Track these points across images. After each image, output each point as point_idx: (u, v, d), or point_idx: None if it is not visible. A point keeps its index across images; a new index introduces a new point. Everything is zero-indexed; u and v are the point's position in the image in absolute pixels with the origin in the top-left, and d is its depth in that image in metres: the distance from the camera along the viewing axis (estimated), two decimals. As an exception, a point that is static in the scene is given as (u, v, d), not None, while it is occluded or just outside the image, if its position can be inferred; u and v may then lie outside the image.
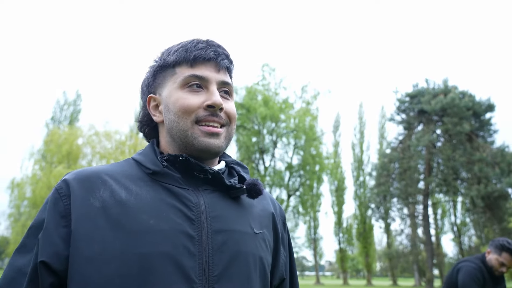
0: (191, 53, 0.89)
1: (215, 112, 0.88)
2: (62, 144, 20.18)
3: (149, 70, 0.97)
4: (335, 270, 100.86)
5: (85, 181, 0.82)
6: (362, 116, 47.90)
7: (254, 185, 0.89)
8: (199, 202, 0.84)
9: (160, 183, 0.85)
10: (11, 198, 20.12)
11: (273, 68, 23.21)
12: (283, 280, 0.98)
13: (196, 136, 0.86)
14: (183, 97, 0.88)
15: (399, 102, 24.79)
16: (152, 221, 0.78)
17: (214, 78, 0.90)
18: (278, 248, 0.96)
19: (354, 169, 45.43)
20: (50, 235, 0.77)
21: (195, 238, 0.80)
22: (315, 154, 22.58)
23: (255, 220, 0.92)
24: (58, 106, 39.13)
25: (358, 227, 44.70)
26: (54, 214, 0.79)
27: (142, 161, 0.89)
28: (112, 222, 0.78)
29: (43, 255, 0.76)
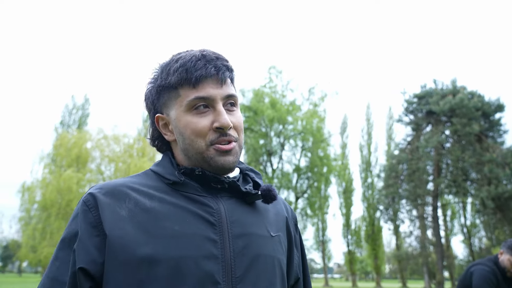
0: (192, 74, 0.89)
1: (224, 132, 0.90)
2: (71, 148, 20.38)
3: (152, 87, 0.97)
4: (343, 272, 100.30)
5: (110, 193, 0.87)
6: (369, 117, 47.67)
7: (269, 191, 0.93)
8: (219, 208, 0.89)
9: (180, 192, 0.89)
10: (22, 201, 20.35)
11: (280, 70, 23.25)
12: (298, 279, 1.03)
13: (212, 157, 0.90)
14: (192, 121, 0.90)
15: (407, 103, 24.64)
16: (177, 227, 0.84)
17: (219, 94, 0.91)
18: (291, 250, 1.01)
19: (362, 171, 45.21)
20: (85, 245, 0.82)
21: (217, 242, 0.85)
22: (322, 156, 22.54)
23: (271, 223, 0.96)
24: (67, 111, 39.55)
25: (366, 229, 44.44)
26: (86, 225, 0.83)
27: (161, 172, 0.93)
28: (140, 229, 0.82)
29: (80, 263, 0.81)
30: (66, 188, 18.36)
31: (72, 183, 18.45)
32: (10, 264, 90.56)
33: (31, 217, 20.18)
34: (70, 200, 18.23)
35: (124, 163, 20.44)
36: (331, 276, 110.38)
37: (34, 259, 19.03)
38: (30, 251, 18.93)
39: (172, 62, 0.93)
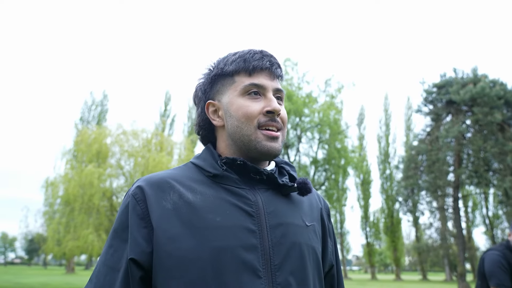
0: (250, 63, 0.98)
1: (273, 117, 0.97)
2: (91, 143, 20.77)
3: (205, 77, 1.05)
4: (362, 264, 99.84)
5: (156, 186, 0.92)
6: (387, 108, 47.03)
7: (305, 184, 0.99)
8: (256, 199, 0.93)
9: (220, 184, 0.94)
10: (46, 196, 20.87)
11: (295, 62, 23.09)
12: (332, 266, 1.07)
13: (259, 140, 0.95)
14: (245, 104, 0.96)
15: (426, 93, 24.16)
16: (218, 219, 0.89)
17: (270, 85, 0.99)
18: (325, 239, 1.06)
19: (380, 162, 44.76)
20: (134, 236, 0.88)
21: (256, 232, 0.89)
22: (340, 148, 22.36)
23: (306, 214, 1.01)
24: (86, 107, 40.29)
25: (385, 221, 44.09)
26: (135, 217, 0.89)
27: (202, 165, 0.98)
28: (184, 221, 0.87)
29: (131, 253, 0.86)
30: (88, 183, 18.74)
31: (93, 178, 18.82)
32: (36, 257, 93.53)
33: (55, 212, 20.71)
34: (92, 195, 18.62)
35: (143, 158, 20.73)
36: (349, 268, 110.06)
37: (58, 252, 19.52)
38: (55, 244, 19.46)
39: (229, 55, 1.02)
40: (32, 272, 49.99)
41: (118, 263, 0.88)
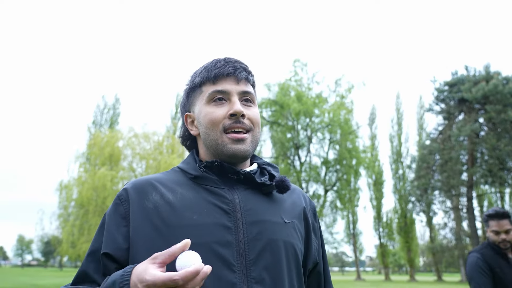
0: (212, 72, 1.04)
1: (238, 120, 1.01)
2: (104, 146, 21.05)
3: (184, 92, 1.13)
4: (376, 265, 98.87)
5: (140, 187, 1.00)
6: (399, 107, 46.53)
7: (282, 182, 1.02)
8: (234, 198, 0.98)
9: (201, 185, 1.00)
10: (60, 199, 21.18)
11: (305, 63, 23.05)
12: (317, 263, 1.10)
13: (225, 144, 1.01)
14: (210, 111, 1.02)
15: (437, 92, 23.89)
16: (195, 217, 0.94)
17: (235, 89, 1.03)
18: (309, 236, 1.08)
19: (393, 162, 44.29)
20: (112, 234, 0.95)
21: (231, 229, 0.94)
22: (351, 148, 22.25)
23: (286, 212, 1.04)
24: (98, 111, 40.81)
25: (398, 221, 43.58)
26: (117, 216, 0.97)
27: (185, 168, 1.05)
28: (163, 219, 0.94)
29: (106, 248, 0.94)
30: (101, 185, 18.99)
31: (106, 181, 19.07)
32: (52, 259, 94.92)
33: (69, 214, 21.01)
34: (105, 197, 18.87)
35: (154, 160, 20.93)
36: (363, 269, 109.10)
37: (73, 254, 19.82)
38: (70, 246, 19.75)
39: (199, 68, 1.09)
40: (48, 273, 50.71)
41: (96, 253, 0.96)
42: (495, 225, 2.73)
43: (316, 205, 16.23)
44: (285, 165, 22.24)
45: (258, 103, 7.96)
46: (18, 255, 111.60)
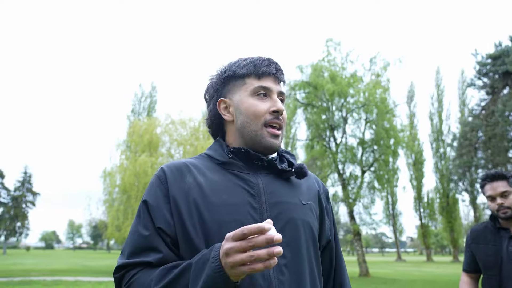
0: (260, 68, 1.15)
1: (278, 116, 1.14)
2: (143, 134, 21.76)
3: (216, 77, 1.21)
4: (417, 246, 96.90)
5: (176, 169, 1.11)
6: (439, 83, 44.69)
7: (301, 169, 1.16)
8: (258, 182, 1.10)
9: (228, 170, 1.12)
10: (104, 186, 22.21)
11: (338, 42, 22.51)
12: (329, 241, 1.23)
13: (264, 136, 1.12)
14: (254, 103, 1.14)
15: (479, 65, 22.67)
16: (225, 197, 1.05)
17: (275, 88, 1.16)
18: (323, 217, 1.21)
19: (433, 141, 42.87)
20: (160, 209, 1.06)
21: (257, 209, 1.06)
22: (388, 128, 21.67)
23: (303, 194, 1.16)
24: (136, 99, 41.98)
25: (440, 201, 42.40)
26: (160, 194, 1.07)
27: (212, 155, 1.17)
28: (197, 199, 1.05)
29: (159, 223, 1.04)
30: (142, 172, 19.73)
31: (146, 167, 19.78)
32: (100, 242, 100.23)
33: (113, 200, 22.02)
34: (146, 183, 19.58)
35: (191, 146, 21.42)
36: (403, 250, 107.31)
37: (119, 237, 20.81)
38: (115, 230, 20.78)
39: (240, 60, 1.19)
40: (97, 255, 53.58)
41: (148, 229, 1.04)
42: (489, 189, 2.32)
43: (353, 186, 15.98)
44: (320, 147, 22.09)
45: (291, 86, 8.10)
46: (69, 238, 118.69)
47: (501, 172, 2.31)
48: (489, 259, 2.27)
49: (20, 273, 19.66)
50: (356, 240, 21.70)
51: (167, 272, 0.96)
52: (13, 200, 63.74)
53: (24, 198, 64.63)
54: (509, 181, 2.27)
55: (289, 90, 22.34)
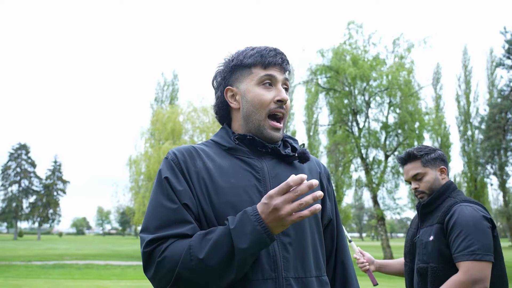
0: (266, 58, 1.19)
1: (281, 105, 1.19)
2: (166, 122, 22.10)
3: (224, 66, 1.26)
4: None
5: (187, 153, 1.17)
6: (466, 63, 43.07)
7: (303, 154, 1.22)
8: (262, 166, 1.16)
9: (234, 155, 1.18)
10: (130, 173, 22.77)
11: (359, 24, 22.04)
12: (331, 220, 1.29)
13: (266, 128, 1.18)
14: (260, 92, 1.18)
15: (508, 44, 21.74)
16: (233, 180, 1.12)
17: (280, 78, 1.21)
18: (324, 198, 1.27)
19: (460, 123, 41.63)
20: (184, 186, 1.10)
21: (262, 192, 1.12)
22: (413, 111, 21.23)
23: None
24: (159, 88, 42.43)
25: (468, 185, 41.33)
26: (175, 175, 1.12)
27: (219, 141, 1.23)
28: (207, 182, 1.11)
29: (185, 200, 1.08)
30: (166, 159, 20.12)
31: (170, 155, 20.15)
32: (128, 227, 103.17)
33: (139, 187, 22.58)
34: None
35: (213, 133, 21.60)
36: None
37: (146, 223, 21.41)
38: (142, 216, 21.38)
39: (248, 49, 1.23)
40: (125, 241, 55.28)
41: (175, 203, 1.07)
42: (404, 173, 2.10)
43: (376, 171, 15.74)
44: (342, 132, 21.87)
45: (312, 70, 8.04)
46: (99, 224, 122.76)
47: (412, 152, 2.05)
48: (406, 244, 2.12)
49: (54, 257, 20.58)
50: (380, 225, 21.56)
51: (203, 237, 0.99)
52: (45, 188, 66.26)
53: (55, 186, 67.05)
54: (422, 160, 2.02)
55: (310, 75, 22.15)
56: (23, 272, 13.12)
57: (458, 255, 1.79)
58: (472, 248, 1.76)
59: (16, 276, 11.68)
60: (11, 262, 17.07)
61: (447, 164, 2.08)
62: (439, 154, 2.06)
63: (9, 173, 63.95)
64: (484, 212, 1.88)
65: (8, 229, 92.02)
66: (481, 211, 1.87)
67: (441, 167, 2.05)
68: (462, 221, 1.82)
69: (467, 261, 1.75)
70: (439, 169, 2.04)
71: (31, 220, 66.18)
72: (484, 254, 1.76)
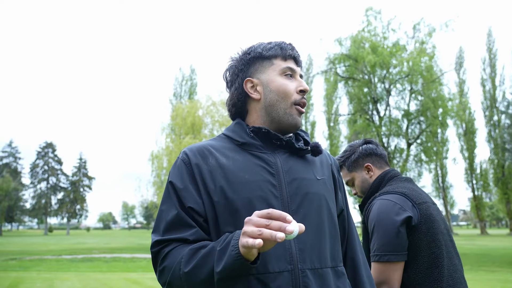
0: (286, 51, 1.23)
1: (304, 95, 1.23)
2: (186, 117, 22.32)
3: (239, 59, 1.26)
4: (470, 219, 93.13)
5: (199, 152, 1.18)
6: (491, 46, 41.77)
7: (316, 147, 1.24)
8: (276, 161, 1.17)
9: (247, 150, 1.18)
10: (152, 168, 23.12)
11: (378, 11, 21.55)
12: (342, 210, 1.31)
13: (292, 114, 1.20)
14: (284, 82, 1.21)
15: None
16: (247, 176, 1.12)
17: (298, 70, 1.25)
18: (336, 189, 1.30)
19: (486, 108, 40.46)
20: (188, 190, 1.12)
21: (276, 186, 1.13)
22: (435, 97, 20.69)
23: (317, 170, 1.24)
24: (177, 83, 42.80)
25: (495, 171, 40.26)
26: (186, 176, 1.14)
27: (232, 135, 1.22)
28: (221, 179, 1.12)
29: (189, 203, 1.10)
30: (187, 154, 20.33)
31: (191, 149, 20.35)
32: (152, 221, 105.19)
33: (162, 182, 22.92)
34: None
35: (233, 126, 21.71)
36: (456, 223, 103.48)
37: (169, 217, 21.74)
38: (165, 210, 21.71)
39: (264, 43, 1.26)
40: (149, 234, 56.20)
41: (178, 208, 1.10)
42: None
43: (399, 160, 15.40)
44: (363, 121, 21.56)
45: (330, 59, 7.93)
46: (124, 219, 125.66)
47: (341, 159, 1.95)
48: None
49: (83, 251, 21.22)
50: (404, 214, 21.24)
51: (194, 253, 1.02)
52: (71, 184, 68.23)
53: (81, 183, 68.95)
54: (346, 166, 1.93)
55: (329, 65, 21.87)
56: (54, 265, 13.60)
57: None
58: (374, 248, 1.60)
59: (48, 270, 12.12)
60: (42, 257, 17.71)
61: (375, 155, 1.89)
62: (360, 152, 1.90)
63: (37, 171, 66.12)
64: (399, 203, 1.62)
65: (38, 225, 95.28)
66: (395, 203, 1.62)
67: (366, 164, 1.88)
68: (371, 218, 1.65)
69: (372, 263, 1.59)
70: (364, 167, 1.89)
71: (60, 216, 68.38)
72: (382, 254, 1.56)
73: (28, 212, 66.20)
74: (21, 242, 33.27)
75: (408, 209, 1.59)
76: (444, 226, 1.66)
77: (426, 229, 1.59)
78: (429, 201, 1.69)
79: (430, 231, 1.59)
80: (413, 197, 1.64)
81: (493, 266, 13.57)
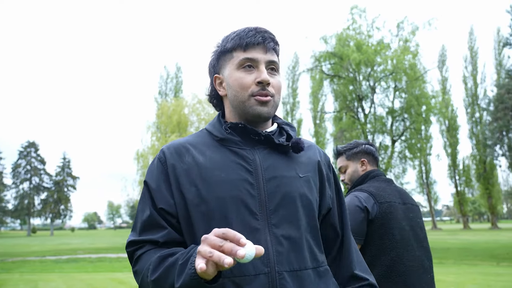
0: (244, 40, 1.13)
1: (264, 87, 1.12)
2: (171, 115, 22.18)
3: (214, 54, 1.23)
4: (454, 214, 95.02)
5: (176, 150, 1.14)
6: (473, 44, 42.61)
7: (297, 143, 1.16)
8: (255, 158, 1.11)
9: (226, 146, 1.13)
10: (138, 167, 22.92)
11: (363, 9, 21.78)
12: (330, 209, 1.23)
13: (251, 105, 1.12)
14: (240, 76, 1.13)
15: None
16: (223, 175, 1.07)
17: (263, 58, 1.13)
18: (323, 186, 1.21)
19: (468, 105, 41.28)
20: (161, 190, 1.10)
21: (254, 185, 1.08)
22: (419, 95, 21.03)
23: (300, 167, 1.17)
24: (162, 81, 42.48)
25: (477, 167, 41.17)
26: (160, 176, 1.11)
27: (212, 130, 1.18)
28: (196, 178, 1.08)
29: (160, 204, 1.08)
30: (173, 152, 20.24)
31: (177, 147, 20.26)
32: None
33: (148, 180, 22.74)
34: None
35: (219, 124, 21.68)
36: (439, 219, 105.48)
37: (156, 216, 21.64)
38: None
39: (231, 33, 1.17)
40: (136, 234, 55.67)
41: (151, 209, 1.09)
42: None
43: (384, 157, 15.51)
44: (348, 119, 21.78)
45: (316, 57, 7.83)
46: (110, 219, 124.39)
47: (338, 148, 2.26)
48: None
49: (68, 252, 20.92)
50: (389, 210, 21.55)
51: (161, 261, 1.00)
52: (55, 184, 67.05)
53: (65, 182, 67.82)
54: (345, 155, 2.20)
55: (314, 62, 22.00)
56: (38, 267, 13.37)
57: None
58: None
59: (31, 271, 11.91)
60: (25, 258, 17.40)
61: (372, 156, 2.19)
62: (363, 148, 2.18)
63: (19, 171, 64.77)
64: (362, 199, 1.92)
65: (21, 226, 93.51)
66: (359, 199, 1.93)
67: (362, 159, 2.17)
68: None
69: None
70: (360, 161, 2.17)
71: (44, 217, 67.18)
72: None
73: (10, 213, 64.80)
74: (3, 244, 32.60)
75: (369, 206, 1.90)
76: (406, 223, 1.94)
77: (381, 224, 1.88)
78: (395, 201, 1.97)
79: (385, 225, 1.88)
80: (377, 196, 1.94)
81: (475, 259, 13.87)
